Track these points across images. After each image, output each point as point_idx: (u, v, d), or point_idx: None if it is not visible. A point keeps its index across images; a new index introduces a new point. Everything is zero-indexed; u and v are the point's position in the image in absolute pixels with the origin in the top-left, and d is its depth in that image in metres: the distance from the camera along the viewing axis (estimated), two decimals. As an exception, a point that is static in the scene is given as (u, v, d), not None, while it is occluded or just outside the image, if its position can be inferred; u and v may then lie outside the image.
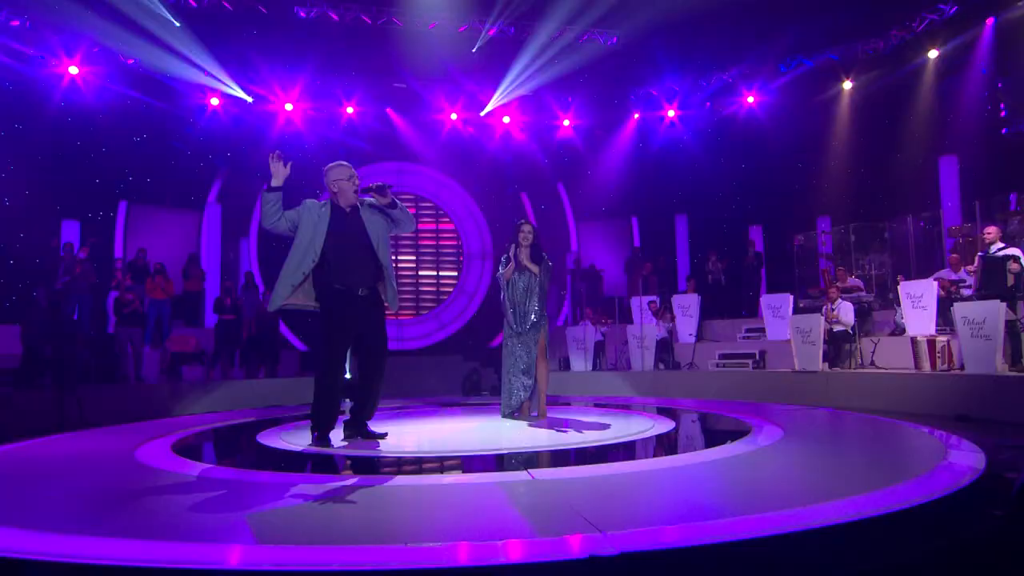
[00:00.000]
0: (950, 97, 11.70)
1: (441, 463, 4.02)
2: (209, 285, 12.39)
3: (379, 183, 4.49)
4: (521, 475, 3.48)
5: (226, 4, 11.68)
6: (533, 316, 5.96)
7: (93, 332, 9.90)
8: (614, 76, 13.79)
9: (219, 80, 12.72)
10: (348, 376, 10.75)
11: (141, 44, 11.91)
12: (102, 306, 10.65)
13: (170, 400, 8.84)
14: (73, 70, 11.75)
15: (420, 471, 3.90)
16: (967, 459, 3.63)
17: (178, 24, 11.56)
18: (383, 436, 4.54)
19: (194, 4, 11.59)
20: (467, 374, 11.99)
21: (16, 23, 10.95)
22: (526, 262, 5.97)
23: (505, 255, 6.11)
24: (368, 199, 4.54)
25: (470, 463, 4.04)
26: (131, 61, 12.22)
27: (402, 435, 5.20)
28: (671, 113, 14.32)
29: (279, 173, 4.30)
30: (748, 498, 2.98)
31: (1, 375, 8.42)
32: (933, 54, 11.75)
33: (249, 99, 13.06)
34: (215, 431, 5.82)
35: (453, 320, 14.52)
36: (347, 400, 5.04)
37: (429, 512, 2.88)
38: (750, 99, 13.69)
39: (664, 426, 5.42)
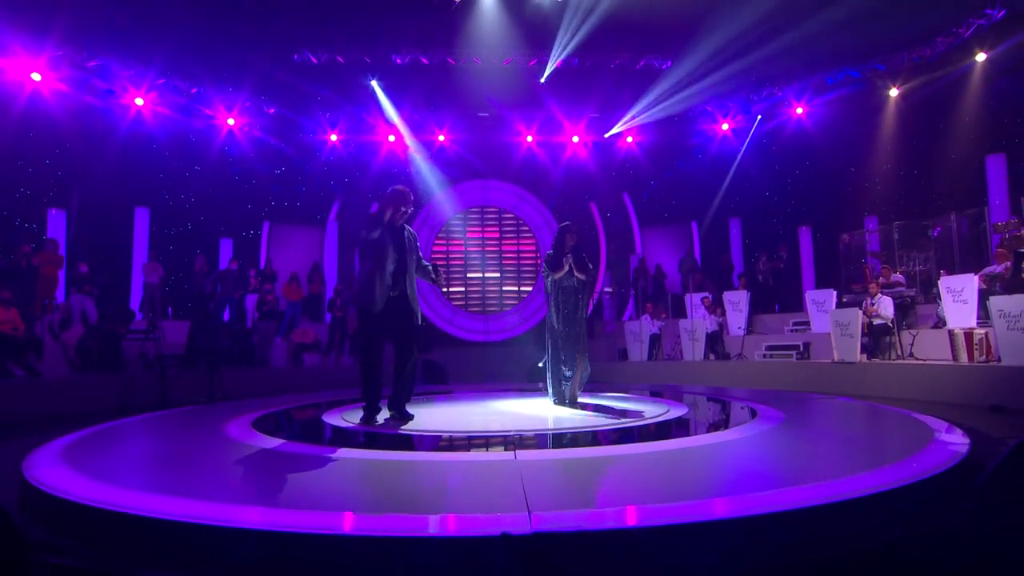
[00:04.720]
0: (999, 97, 10.34)
1: (451, 441, 3.96)
2: (329, 288, 13.05)
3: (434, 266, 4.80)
4: (508, 455, 3.37)
5: (339, 58, 12.29)
6: (577, 319, 5.61)
7: (236, 326, 10.74)
8: (671, 96, 13.20)
9: (337, 120, 13.41)
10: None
11: (279, 97, 12.88)
12: (243, 306, 11.52)
13: (291, 381, 9.43)
14: (231, 121, 12.82)
15: (424, 448, 3.83)
16: (951, 448, 3.13)
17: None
18: (411, 417, 4.55)
19: (315, 61, 12.29)
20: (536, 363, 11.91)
21: (195, 90, 12.22)
22: (574, 271, 5.58)
23: (550, 254, 5.65)
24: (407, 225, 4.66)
25: (475, 442, 3.97)
26: (272, 110, 13.16)
27: (440, 415, 5.21)
28: (725, 127, 13.54)
29: None
30: (688, 484, 2.73)
31: (172, 359, 9.36)
32: (981, 57, 10.40)
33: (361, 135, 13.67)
34: (299, 409, 6.05)
35: (533, 315, 14.47)
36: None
37: (398, 485, 2.81)
38: (799, 110, 12.65)
39: (677, 411, 5.10)
